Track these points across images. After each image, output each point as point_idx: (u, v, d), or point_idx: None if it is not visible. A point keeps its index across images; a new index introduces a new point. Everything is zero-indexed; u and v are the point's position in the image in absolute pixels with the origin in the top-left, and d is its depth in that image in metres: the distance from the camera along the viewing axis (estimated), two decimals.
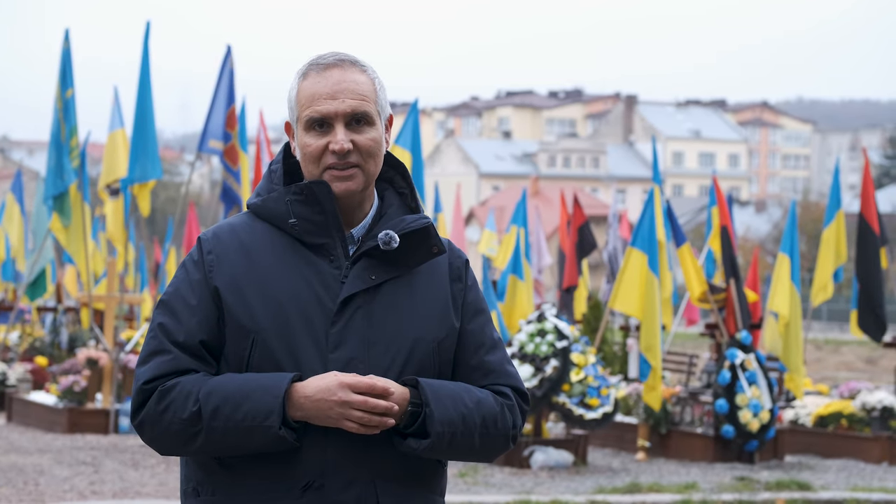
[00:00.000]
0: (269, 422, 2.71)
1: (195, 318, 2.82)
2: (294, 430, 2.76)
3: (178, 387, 2.78)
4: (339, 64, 2.88)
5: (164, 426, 2.79)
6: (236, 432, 2.74)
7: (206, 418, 2.75)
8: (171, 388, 2.78)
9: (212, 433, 2.75)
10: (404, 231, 2.88)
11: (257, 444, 2.75)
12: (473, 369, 2.93)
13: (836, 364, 31.23)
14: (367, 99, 2.86)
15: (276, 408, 2.72)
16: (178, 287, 2.87)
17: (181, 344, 2.81)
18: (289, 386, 2.74)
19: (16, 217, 21.10)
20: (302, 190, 2.87)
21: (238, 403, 2.74)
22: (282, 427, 2.72)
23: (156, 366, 2.81)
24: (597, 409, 12.71)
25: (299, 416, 2.75)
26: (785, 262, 15.06)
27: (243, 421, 2.73)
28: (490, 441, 2.88)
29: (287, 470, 2.79)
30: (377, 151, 2.88)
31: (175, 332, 2.82)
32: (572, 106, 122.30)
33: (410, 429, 2.80)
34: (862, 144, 64.50)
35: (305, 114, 2.86)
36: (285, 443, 2.74)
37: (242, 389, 2.75)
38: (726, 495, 11.24)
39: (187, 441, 2.78)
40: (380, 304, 2.86)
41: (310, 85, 2.87)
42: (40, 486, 10.82)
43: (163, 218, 62.40)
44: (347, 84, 2.85)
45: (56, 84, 15.20)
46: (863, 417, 14.20)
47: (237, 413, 2.74)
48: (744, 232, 62.40)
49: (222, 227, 2.94)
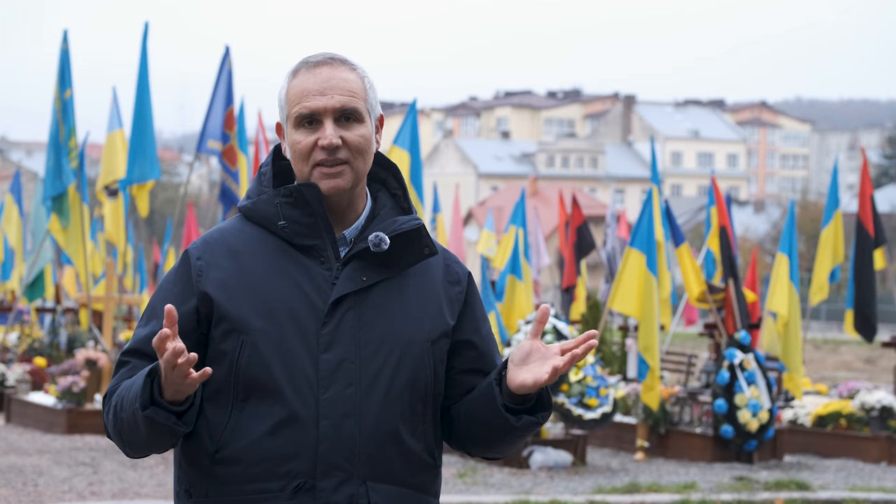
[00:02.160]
0: (137, 404, 2.72)
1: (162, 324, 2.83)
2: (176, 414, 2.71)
3: (118, 390, 2.83)
4: (328, 62, 2.89)
5: (110, 428, 2.85)
6: (129, 421, 2.76)
7: (117, 412, 2.79)
8: (112, 393, 2.84)
9: (120, 425, 2.79)
10: (396, 232, 2.88)
11: (145, 430, 2.74)
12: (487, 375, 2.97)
13: (834, 364, 31.23)
14: (356, 96, 2.87)
15: (138, 389, 2.71)
16: (154, 297, 2.91)
17: (142, 352, 2.84)
18: (155, 366, 2.72)
19: (14, 218, 21.10)
20: (291, 192, 2.87)
21: (128, 391, 2.76)
22: (149, 408, 2.69)
23: (116, 378, 2.87)
24: (596, 409, 12.71)
25: (170, 396, 2.72)
26: (784, 261, 15.06)
27: (129, 408, 2.75)
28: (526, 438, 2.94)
29: (279, 470, 2.79)
30: (366, 148, 2.88)
31: (141, 339, 2.86)
32: (571, 106, 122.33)
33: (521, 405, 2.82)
34: (861, 144, 64.52)
35: (295, 110, 2.87)
36: (161, 425, 2.71)
37: (137, 378, 2.76)
38: (725, 495, 11.24)
39: (122, 441, 2.83)
40: (371, 306, 2.86)
41: (299, 82, 2.88)
42: (39, 486, 10.82)
43: (161, 219, 62.44)
44: (337, 81, 2.86)
45: (55, 85, 15.20)
46: (862, 417, 14.21)
47: (125, 402, 2.76)
48: (742, 232, 62.41)
49: (211, 233, 2.95)
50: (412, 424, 2.87)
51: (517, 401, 2.82)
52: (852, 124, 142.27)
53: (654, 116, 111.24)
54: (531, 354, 2.79)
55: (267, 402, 2.80)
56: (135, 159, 15.07)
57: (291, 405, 2.79)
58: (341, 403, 2.79)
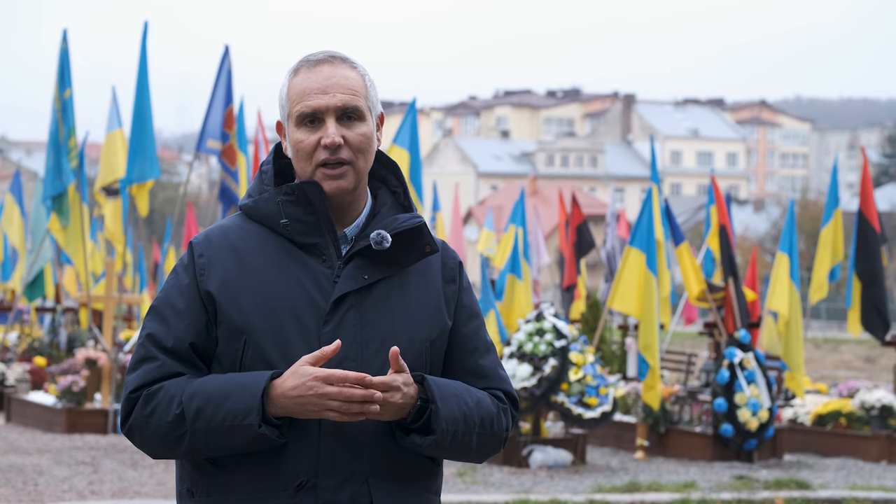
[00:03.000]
0: (249, 420, 2.71)
1: (183, 322, 2.83)
2: (278, 427, 2.75)
3: (162, 391, 2.79)
4: (329, 60, 2.89)
5: (151, 431, 2.80)
6: (219, 433, 2.74)
7: (190, 420, 2.75)
8: (156, 393, 2.79)
9: (195, 435, 2.76)
10: (397, 230, 2.88)
11: (240, 444, 2.75)
12: (468, 373, 2.94)
13: (834, 363, 31.23)
14: (357, 94, 2.87)
15: (254, 406, 2.71)
16: (167, 293, 2.88)
17: (169, 350, 2.82)
18: (267, 383, 2.74)
19: (15, 218, 21.08)
20: (293, 190, 2.87)
21: (219, 404, 2.74)
22: (262, 425, 2.72)
23: (143, 373, 2.82)
24: (595, 408, 12.71)
25: (280, 413, 2.74)
26: (784, 260, 15.05)
27: (224, 421, 2.73)
28: (486, 441, 2.90)
29: (281, 470, 2.79)
30: (368, 147, 2.88)
31: (163, 338, 2.83)
32: (570, 105, 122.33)
33: (415, 424, 2.80)
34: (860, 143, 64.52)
35: (296, 109, 2.87)
36: (268, 440, 2.74)
37: (223, 390, 2.75)
38: (725, 494, 11.24)
39: (173, 444, 2.79)
40: (372, 304, 2.86)
41: (300, 81, 2.88)
42: (39, 486, 10.82)
43: (161, 218, 62.41)
44: (338, 79, 2.86)
45: (54, 84, 15.19)
46: (861, 416, 14.21)
47: (218, 413, 2.74)
48: (742, 231, 62.41)
49: (213, 230, 2.95)
50: None
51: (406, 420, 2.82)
52: (852, 123, 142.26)
53: (654, 115, 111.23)
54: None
55: None
56: (134, 159, 15.07)
57: None
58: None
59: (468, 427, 2.84)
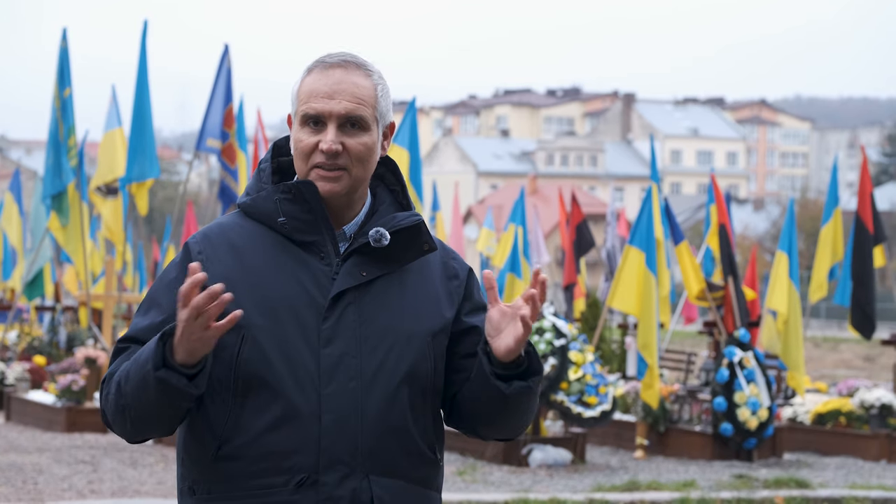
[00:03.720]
0: (148, 366, 2.70)
1: (162, 315, 2.84)
2: (186, 376, 2.69)
3: (118, 371, 2.82)
4: (343, 64, 2.88)
5: (111, 410, 2.83)
6: (137, 389, 2.73)
7: (122, 385, 2.77)
8: (112, 374, 2.83)
9: (126, 398, 2.77)
10: (395, 228, 2.89)
11: (155, 396, 2.71)
12: None
13: (834, 362, 31.23)
14: (364, 103, 2.86)
15: (152, 352, 2.70)
16: (153, 288, 2.92)
17: (141, 340, 2.84)
18: (168, 329, 2.71)
19: (14, 217, 21.08)
20: (290, 189, 2.88)
21: (136, 360, 2.76)
22: (161, 369, 2.68)
23: (116, 363, 2.86)
24: (595, 407, 12.71)
25: (184, 357, 2.70)
26: (783, 259, 15.05)
27: (137, 375, 2.73)
28: (531, 414, 2.95)
29: (282, 466, 2.79)
30: (367, 157, 2.88)
31: (140, 329, 2.86)
32: (570, 104, 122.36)
33: (514, 371, 2.83)
34: (860, 142, 64.53)
35: (301, 109, 2.87)
36: (173, 388, 2.69)
37: (145, 347, 2.76)
38: (725, 493, 11.24)
39: (122, 416, 2.80)
40: (371, 301, 2.87)
41: (311, 81, 2.88)
42: (39, 484, 10.82)
43: (161, 217, 62.43)
44: (347, 86, 2.85)
45: (54, 83, 15.19)
46: (861, 415, 14.21)
47: (133, 369, 2.75)
48: (742, 230, 62.45)
49: (212, 227, 2.95)
50: (413, 418, 2.87)
51: (510, 368, 2.83)
52: (852, 122, 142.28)
53: (654, 115, 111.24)
54: (501, 320, 2.81)
55: (267, 397, 2.80)
56: (134, 157, 15.07)
57: (293, 400, 2.79)
58: (343, 398, 2.80)
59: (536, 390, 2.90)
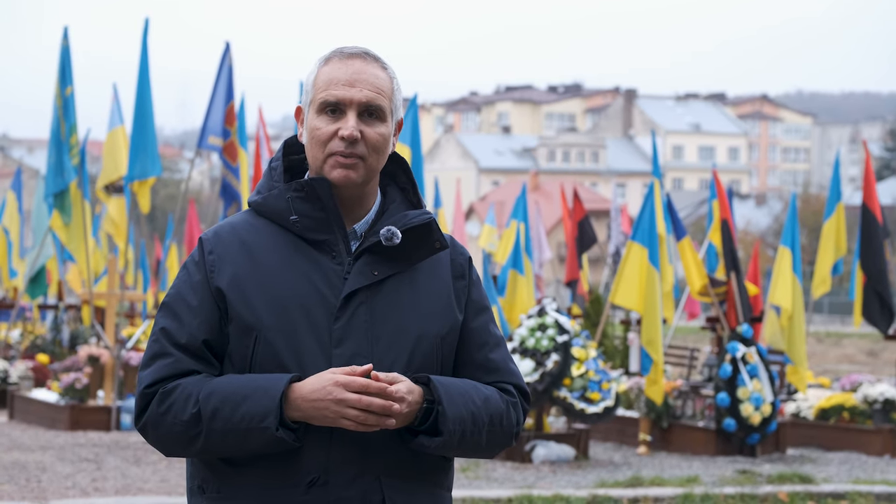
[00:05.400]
0: (266, 423, 2.71)
1: (197, 319, 2.83)
2: (294, 431, 2.75)
3: (178, 389, 2.78)
4: (362, 55, 2.90)
5: (166, 429, 2.79)
6: (235, 434, 2.74)
7: (206, 420, 2.75)
8: (172, 391, 2.79)
9: (211, 435, 2.76)
10: (407, 227, 2.88)
11: (255, 446, 2.75)
12: (477, 367, 2.94)
13: (837, 357, 31.23)
14: (383, 94, 2.88)
15: (272, 409, 2.71)
16: (179, 289, 2.88)
17: (183, 346, 2.82)
18: (286, 387, 2.73)
19: (16, 215, 21.07)
20: (302, 187, 2.87)
21: (237, 405, 2.74)
22: (279, 428, 2.71)
23: (157, 369, 2.81)
24: (598, 403, 12.71)
25: (297, 417, 2.74)
26: (786, 255, 15.04)
27: (241, 422, 2.73)
28: (496, 438, 2.89)
29: (292, 466, 2.79)
30: (383, 147, 2.89)
31: (177, 334, 2.82)
32: (572, 100, 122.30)
33: (423, 426, 2.80)
34: (862, 137, 64.49)
35: (321, 96, 2.87)
36: (284, 444, 2.74)
37: (241, 391, 2.75)
38: (728, 488, 11.24)
39: (188, 443, 2.79)
40: (383, 300, 2.86)
41: (330, 70, 2.89)
42: (42, 483, 10.83)
43: (163, 215, 62.41)
44: (367, 76, 2.87)
45: (55, 82, 15.19)
46: (864, 410, 14.20)
47: (235, 415, 2.73)
48: (744, 225, 62.43)
49: (223, 226, 2.94)
50: None
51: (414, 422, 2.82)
52: (853, 117, 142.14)
53: (655, 110, 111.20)
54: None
55: None
56: (136, 156, 15.06)
57: None
58: None
59: (476, 426, 2.84)
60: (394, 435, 2.82)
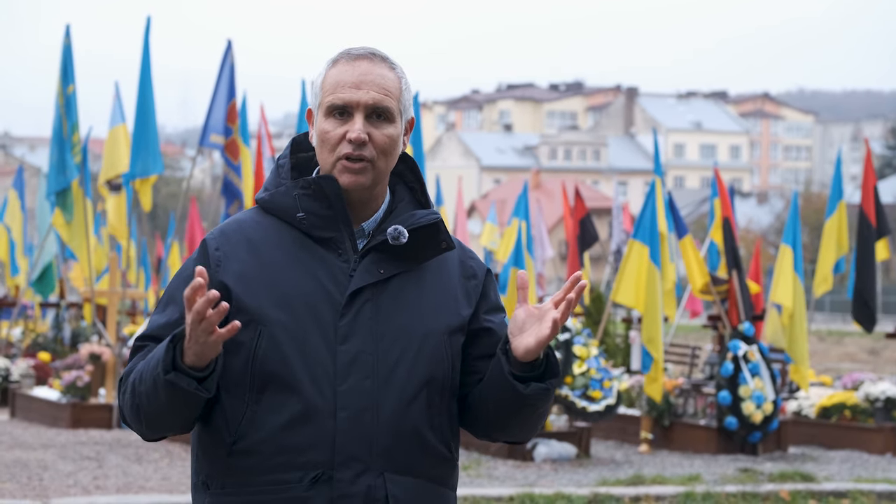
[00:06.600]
0: (159, 369, 2.72)
1: (179, 312, 2.84)
2: (198, 381, 2.71)
3: (132, 373, 2.83)
4: (369, 56, 2.90)
5: (127, 409, 2.85)
6: (150, 390, 2.75)
7: (136, 385, 2.79)
8: (129, 373, 2.85)
9: (140, 398, 2.78)
10: (414, 226, 2.89)
11: (166, 398, 2.73)
12: None
13: (839, 355, 31.22)
14: (390, 95, 2.88)
15: (161, 355, 2.72)
16: (171, 284, 2.92)
17: (158, 337, 2.85)
18: (179, 332, 2.72)
19: (18, 213, 21.08)
20: (310, 184, 2.88)
21: (149, 362, 2.77)
22: (169, 372, 2.69)
23: (133, 361, 2.87)
24: (599, 401, 12.71)
25: (194, 360, 2.71)
26: (787, 253, 15.04)
27: (149, 378, 2.75)
28: (543, 418, 2.93)
29: (296, 462, 2.79)
30: (392, 149, 2.89)
31: (157, 326, 2.87)
32: (573, 98, 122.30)
33: (530, 373, 2.81)
34: (864, 135, 64.47)
35: (328, 100, 2.88)
36: (182, 391, 2.70)
37: (155, 353, 2.77)
38: (730, 487, 11.23)
39: (137, 416, 2.82)
40: (388, 298, 2.87)
41: (337, 72, 2.89)
42: (44, 480, 10.84)
43: (164, 213, 62.39)
44: (374, 77, 2.87)
45: (57, 80, 15.19)
46: (866, 408, 14.20)
47: (146, 370, 2.76)
48: (746, 223, 62.42)
49: (230, 223, 2.95)
50: (429, 417, 2.87)
51: (527, 369, 2.81)
52: (855, 115, 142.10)
53: (657, 108, 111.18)
54: (526, 321, 2.81)
55: (284, 393, 2.80)
56: (137, 154, 15.07)
57: (309, 396, 2.79)
58: (358, 395, 2.80)
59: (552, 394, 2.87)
60: (399, 431, 2.82)
